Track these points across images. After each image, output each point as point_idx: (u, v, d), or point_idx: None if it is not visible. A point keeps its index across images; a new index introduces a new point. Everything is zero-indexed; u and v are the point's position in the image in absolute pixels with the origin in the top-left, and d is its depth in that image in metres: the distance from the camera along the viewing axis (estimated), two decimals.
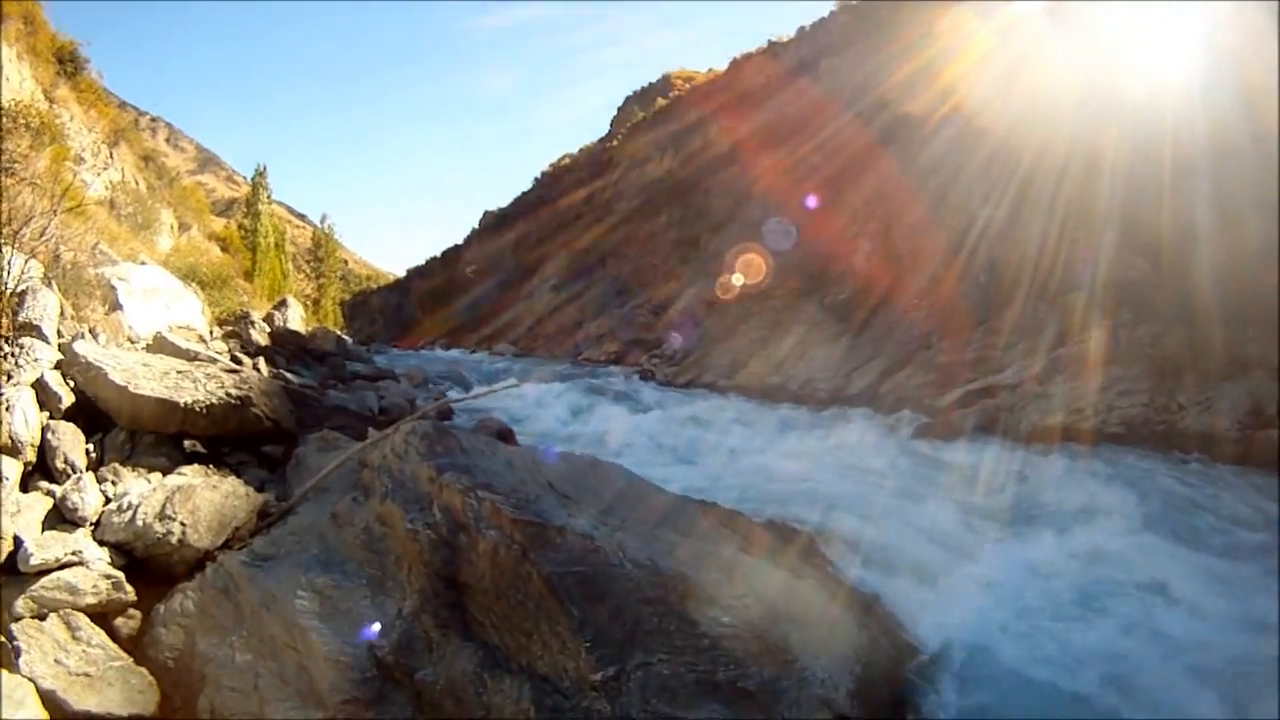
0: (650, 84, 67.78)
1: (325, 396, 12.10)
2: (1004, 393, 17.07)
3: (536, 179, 77.47)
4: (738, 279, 19.77)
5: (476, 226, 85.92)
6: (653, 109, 57.43)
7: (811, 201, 30.13)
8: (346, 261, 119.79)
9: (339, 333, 27.24)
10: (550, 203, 69.54)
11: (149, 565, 5.42)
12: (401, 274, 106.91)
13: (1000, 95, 23.14)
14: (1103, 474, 12.34)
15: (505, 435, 12.06)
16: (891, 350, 21.77)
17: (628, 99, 71.31)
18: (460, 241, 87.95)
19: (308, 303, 50.27)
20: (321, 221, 78.11)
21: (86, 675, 4.54)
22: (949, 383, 18.74)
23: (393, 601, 4.87)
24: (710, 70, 57.94)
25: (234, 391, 7.27)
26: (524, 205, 76.19)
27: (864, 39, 35.48)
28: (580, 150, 71.49)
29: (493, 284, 70.67)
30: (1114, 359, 15.91)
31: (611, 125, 70.45)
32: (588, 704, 4.25)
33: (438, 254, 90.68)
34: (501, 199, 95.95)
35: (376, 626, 4.77)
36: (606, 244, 53.20)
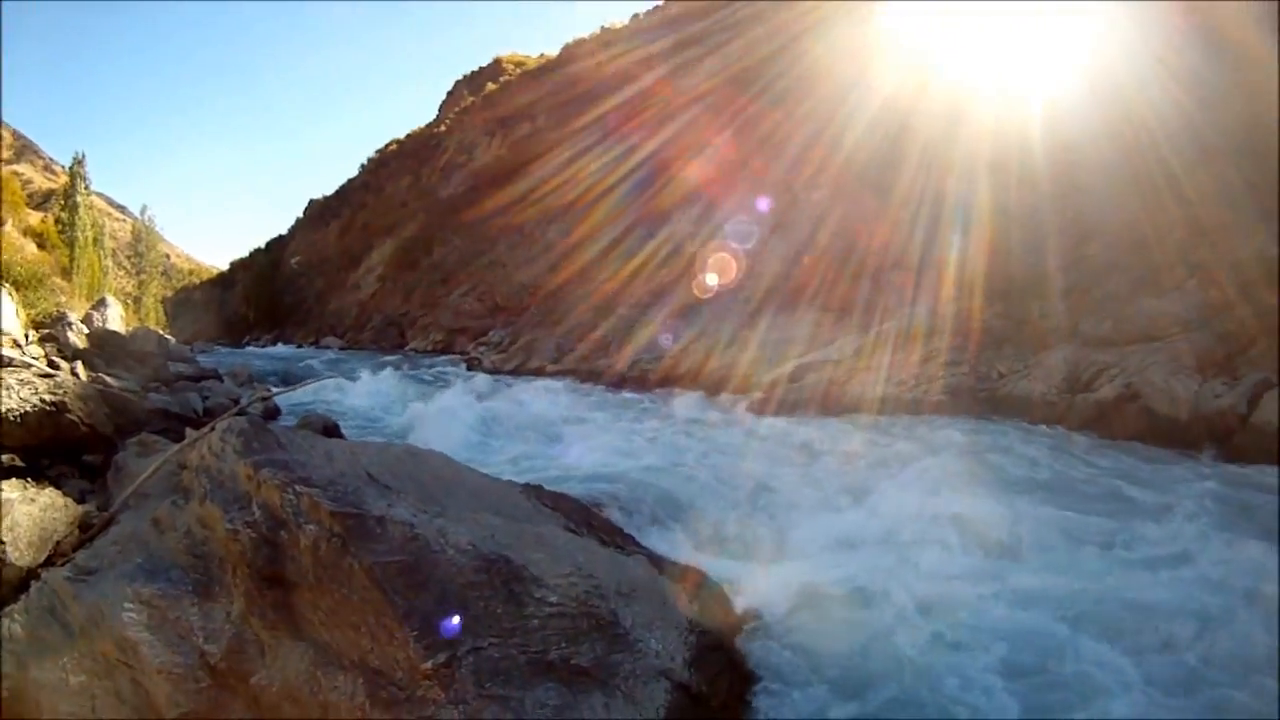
0: (481, 68, 66.28)
1: (147, 400, 12.00)
2: (829, 367, 17.39)
3: (363, 165, 74.29)
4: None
5: (301, 215, 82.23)
6: (482, 93, 56.34)
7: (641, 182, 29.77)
8: (169, 256, 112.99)
9: (161, 332, 25.56)
10: (377, 190, 67.20)
11: None
12: (225, 267, 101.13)
13: (831, 84, 23.68)
14: (928, 439, 12.73)
15: (331, 430, 12.11)
16: (715, 329, 22.02)
17: (457, 83, 69.28)
18: (285, 232, 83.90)
19: (128, 301, 47.78)
20: (142, 213, 73.78)
21: None
22: (777, 359, 19.04)
23: (220, 606, 4.72)
24: (542, 55, 57.16)
25: (48, 398, 7.04)
26: (350, 192, 73.16)
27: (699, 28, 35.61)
28: (408, 135, 69.19)
29: (318, 275, 67.82)
30: (937, 332, 16.46)
31: (440, 109, 68.78)
32: (422, 693, 4.22)
33: (262, 245, 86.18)
34: (331, 186, 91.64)
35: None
36: (433, 231, 51.78)
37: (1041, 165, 17.13)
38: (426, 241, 51.89)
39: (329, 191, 78.53)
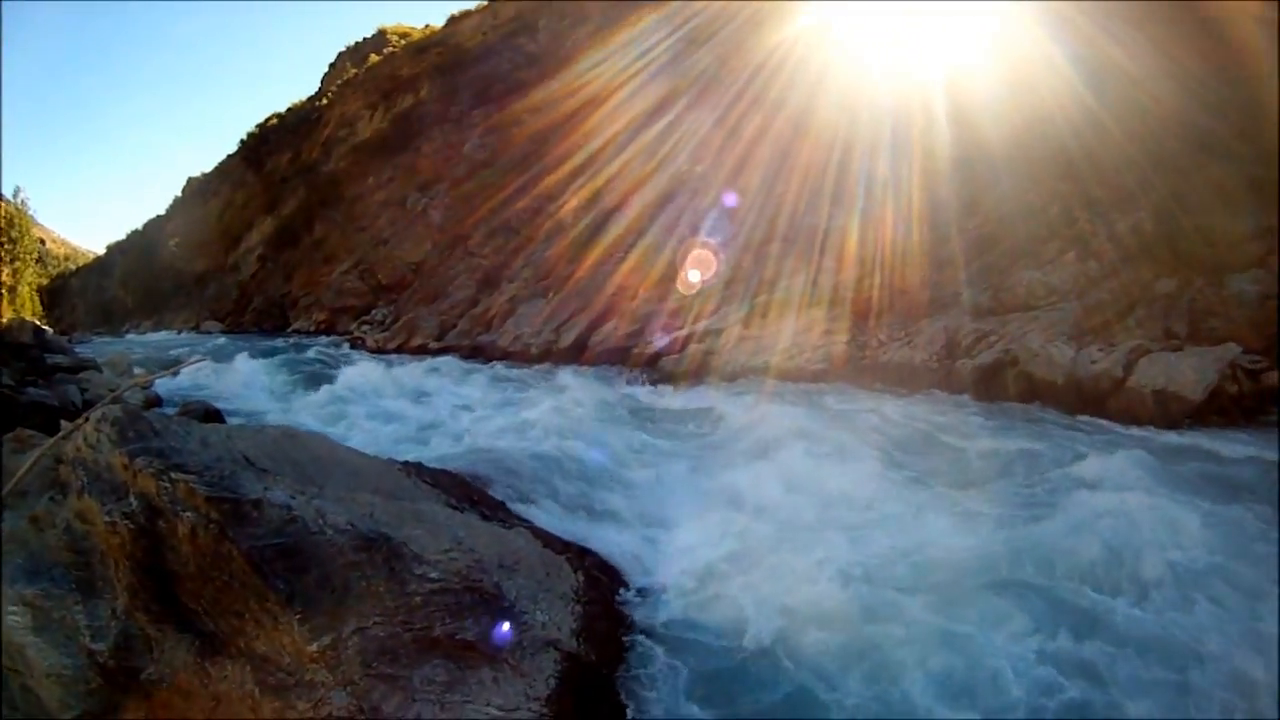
0: (364, 39, 64.14)
1: (23, 394, 11.89)
2: (712, 337, 17.41)
3: (242, 141, 71.13)
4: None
5: (180, 194, 78.41)
6: (365, 65, 54.47)
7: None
8: (44, 241, 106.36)
9: (37, 323, 24.24)
10: (257, 166, 64.50)
11: None
12: (103, 251, 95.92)
13: (734, 64, 23.68)
14: (807, 407, 12.92)
15: (212, 416, 12.06)
16: (599, 302, 21.82)
17: (340, 54, 66.69)
18: (163, 212, 79.90)
19: (2, 291, 44.61)
20: (15, 196, 68.85)
21: None
22: (657, 331, 19.04)
23: (104, 603, 4.58)
24: (427, 26, 55.49)
25: None
26: (229, 169, 70.07)
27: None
28: (289, 109, 66.54)
29: (198, 257, 64.78)
30: (817, 302, 16.59)
31: (322, 82, 66.31)
32: (310, 677, 4.19)
33: (140, 227, 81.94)
34: (211, 163, 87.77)
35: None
36: (314, 208, 49.90)
37: (942, 146, 17.37)
38: (307, 219, 49.99)
39: (208, 168, 75.33)
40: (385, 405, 14.67)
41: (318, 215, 48.88)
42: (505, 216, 28.80)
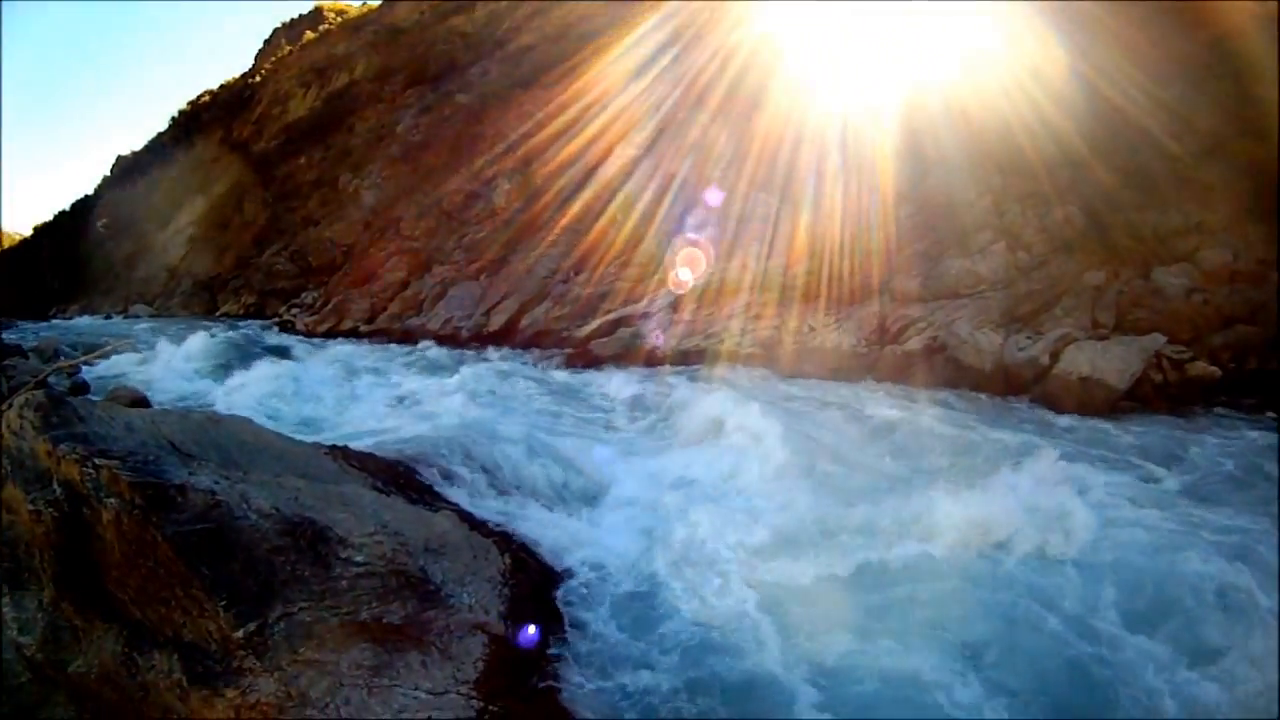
0: (301, 15, 62.75)
1: None
2: (641, 321, 17.37)
3: (173, 118, 68.98)
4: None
5: (109, 173, 75.84)
6: (300, 43, 53.26)
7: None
8: None
9: None
10: (187, 144, 62.65)
11: None
12: (29, 233, 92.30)
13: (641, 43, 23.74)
14: (736, 392, 12.70)
15: (140, 402, 11.67)
16: (529, 285, 21.68)
17: (275, 31, 64.97)
18: (91, 192, 77.26)
19: None
20: None
21: None
22: (587, 314, 18.96)
23: (31, 595, 4.59)
24: (365, 4, 54.43)
25: None
26: (159, 147, 67.92)
27: None
28: (221, 86, 64.76)
29: (126, 238, 62.72)
30: (749, 287, 16.56)
31: (256, 59, 64.70)
32: (237, 663, 4.12)
33: (67, 208, 79.05)
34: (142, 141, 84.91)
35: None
36: (244, 189, 48.69)
37: (881, 138, 17.41)
38: (238, 199, 48.75)
39: (138, 147, 72.98)
40: (313, 388, 14.52)
41: (248, 195, 47.76)
42: (438, 198, 28.30)
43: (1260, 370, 11.59)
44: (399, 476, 7.29)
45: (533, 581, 6.14)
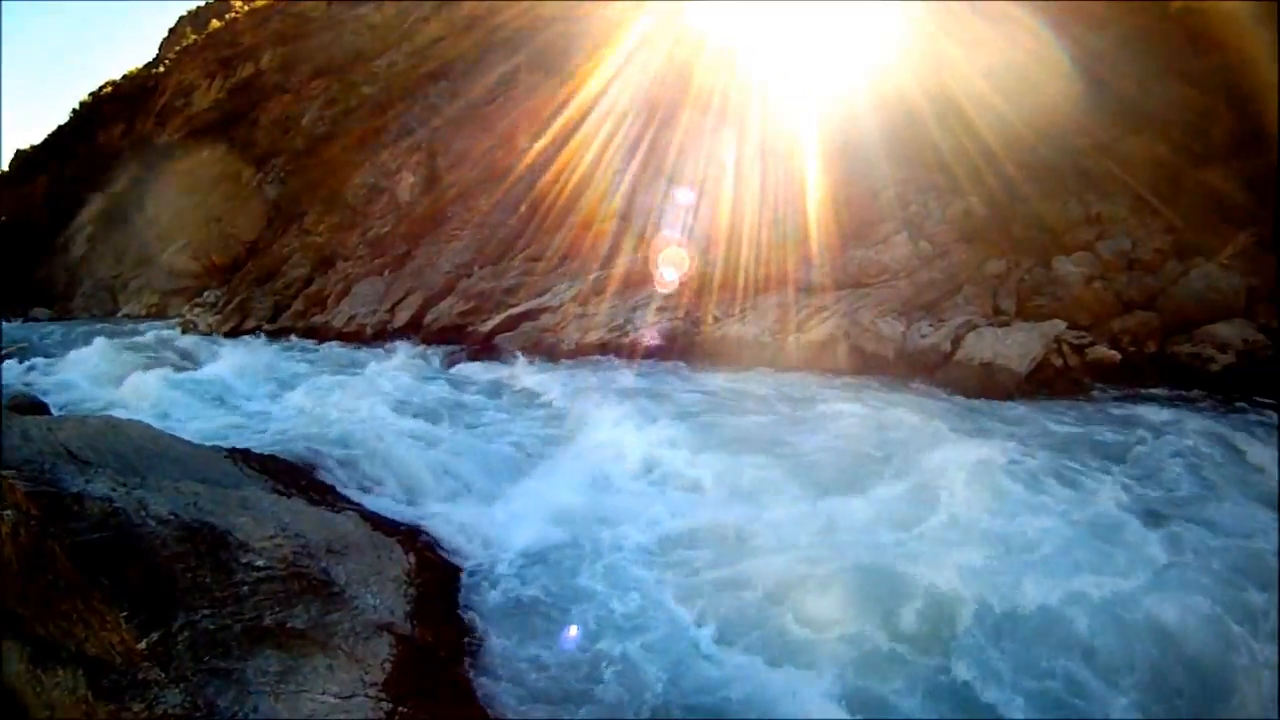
0: (207, 3, 60.94)
1: None
2: (545, 315, 17.24)
3: (74, 111, 66.60)
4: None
5: (6, 170, 72.86)
6: (206, 31, 51.66)
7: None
8: None
9: None
10: (88, 138, 60.42)
11: None
12: None
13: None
14: (638, 383, 13.22)
15: (36, 409, 11.36)
16: (434, 280, 21.33)
17: (181, 19, 63.32)
18: None
19: None
20: None
21: None
22: (492, 309, 18.68)
23: None
24: None
25: None
26: (59, 142, 65.41)
27: None
28: (124, 76, 62.62)
29: (24, 238, 60.28)
30: (653, 279, 16.57)
31: (160, 48, 62.76)
32: (142, 675, 3.98)
33: None
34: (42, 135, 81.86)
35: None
36: (147, 184, 47.07)
37: (781, 128, 17.55)
38: (139, 195, 47.15)
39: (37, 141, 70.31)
40: (213, 390, 14.18)
41: (150, 191, 46.19)
42: (342, 193, 27.64)
43: (1158, 353, 11.91)
44: (300, 478, 7.31)
45: (438, 580, 6.14)
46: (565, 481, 8.56)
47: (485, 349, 17.04)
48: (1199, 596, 5.57)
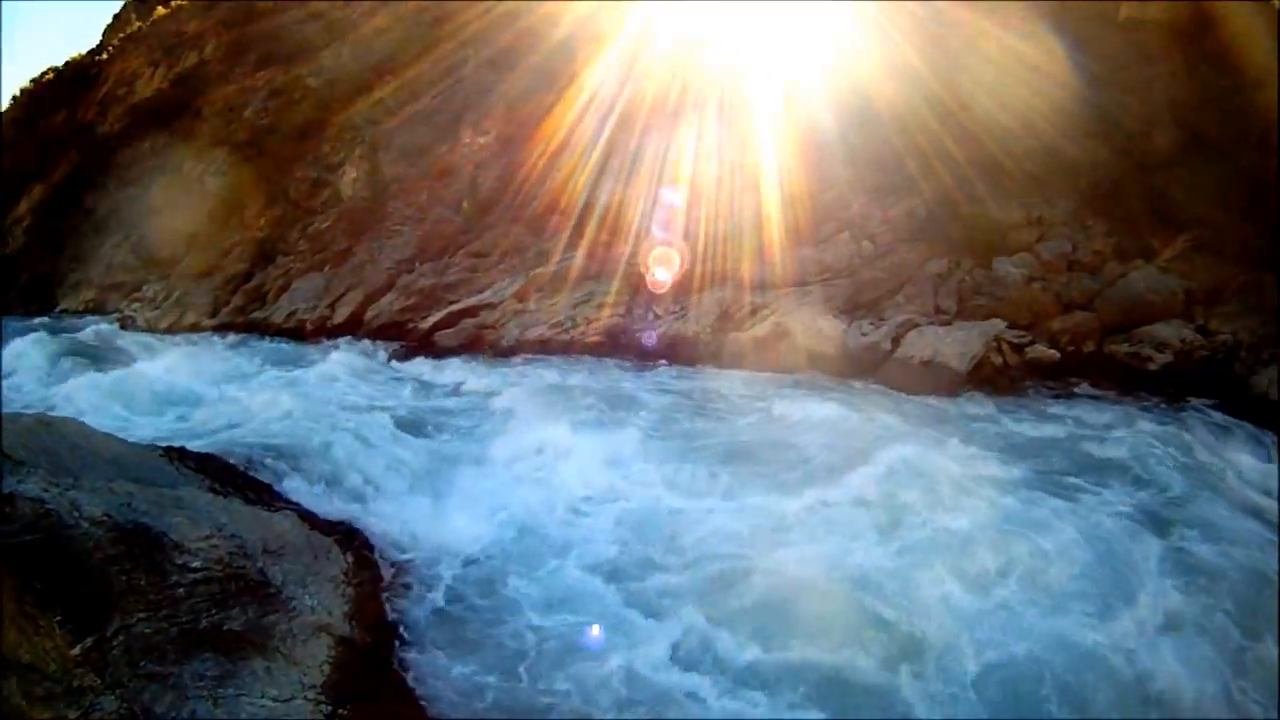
0: None
1: None
2: (486, 311, 17.03)
3: (14, 98, 64.85)
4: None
5: None
6: (150, 18, 50.64)
7: None
8: None
9: None
10: (28, 126, 58.91)
11: None
12: None
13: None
14: (577, 381, 13.24)
15: None
16: (375, 276, 20.88)
17: (126, 5, 62.25)
18: None
19: None
20: None
21: None
22: (432, 305, 18.37)
23: None
24: None
25: None
26: None
27: None
28: (67, 63, 61.16)
29: None
30: (593, 276, 16.53)
31: (104, 34, 61.57)
32: (77, 682, 3.87)
33: None
34: None
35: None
36: (86, 175, 45.99)
37: (726, 125, 17.61)
38: (79, 187, 46.07)
39: None
40: (150, 388, 13.74)
41: (90, 183, 45.18)
42: (284, 186, 27.21)
43: (1097, 353, 12.20)
44: (237, 477, 7.23)
45: (376, 579, 6.21)
46: (504, 481, 8.63)
47: (425, 346, 16.85)
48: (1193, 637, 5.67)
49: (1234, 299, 12.70)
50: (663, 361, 14.24)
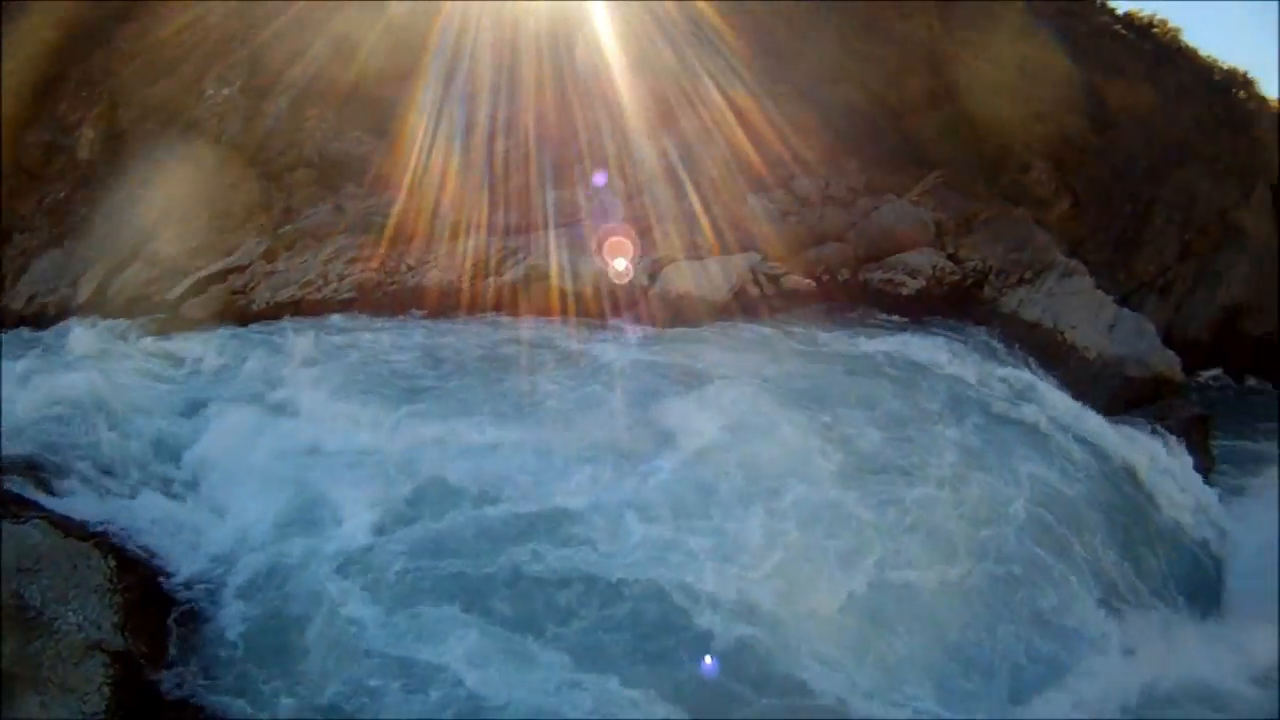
0: None
1: None
2: (234, 276, 16.22)
3: None
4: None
5: None
6: None
7: None
8: None
9: None
10: None
11: None
12: None
13: None
14: (333, 342, 12.82)
15: None
16: (118, 247, 19.24)
17: None
18: None
19: None
20: None
21: None
22: (179, 274, 17.18)
23: None
24: None
25: None
26: None
27: None
28: None
29: None
30: (342, 230, 15.96)
31: None
32: None
33: None
34: None
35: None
36: None
37: (478, 68, 17.28)
38: None
39: None
40: None
41: None
42: (16, 154, 24.51)
43: (853, 280, 13.07)
44: None
45: (147, 585, 5.89)
46: (272, 454, 8.39)
47: (174, 319, 15.84)
48: None
49: (983, 229, 13.89)
50: (419, 313, 13.92)
